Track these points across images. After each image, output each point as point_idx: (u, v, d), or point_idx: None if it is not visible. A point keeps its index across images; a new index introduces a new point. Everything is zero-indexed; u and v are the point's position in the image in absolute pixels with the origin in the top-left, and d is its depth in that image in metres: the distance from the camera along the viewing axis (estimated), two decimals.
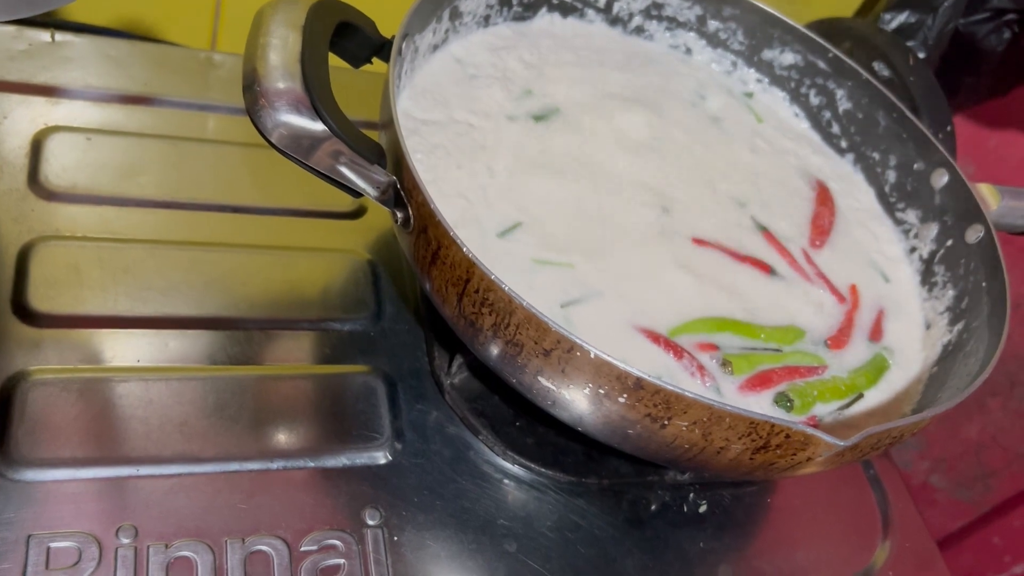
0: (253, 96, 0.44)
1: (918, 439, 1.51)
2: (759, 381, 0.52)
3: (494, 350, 0.46)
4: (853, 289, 0.61)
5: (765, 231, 0.62)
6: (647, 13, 0.71)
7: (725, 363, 0.52)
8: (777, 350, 0.55)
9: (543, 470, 0.55)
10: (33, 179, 0.58)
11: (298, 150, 0.45)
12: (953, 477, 1.54)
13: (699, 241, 0.59)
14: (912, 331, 0.61)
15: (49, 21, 0.67)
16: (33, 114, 0.61)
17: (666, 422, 0.43)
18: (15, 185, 0.57)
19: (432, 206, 0.44)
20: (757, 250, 0.60)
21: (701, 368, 0.51)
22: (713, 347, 0.53)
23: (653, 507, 0.57)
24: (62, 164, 0.59)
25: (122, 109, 0.64)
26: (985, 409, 1.48)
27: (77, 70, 0.65)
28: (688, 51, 0.74)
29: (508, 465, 0.55)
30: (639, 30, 0.72)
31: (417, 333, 0.60)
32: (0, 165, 0.57)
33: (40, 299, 0.52)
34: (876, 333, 0.59)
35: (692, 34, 0.73)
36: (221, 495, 0.49)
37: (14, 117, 0.60)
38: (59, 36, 0.66)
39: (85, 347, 0.52)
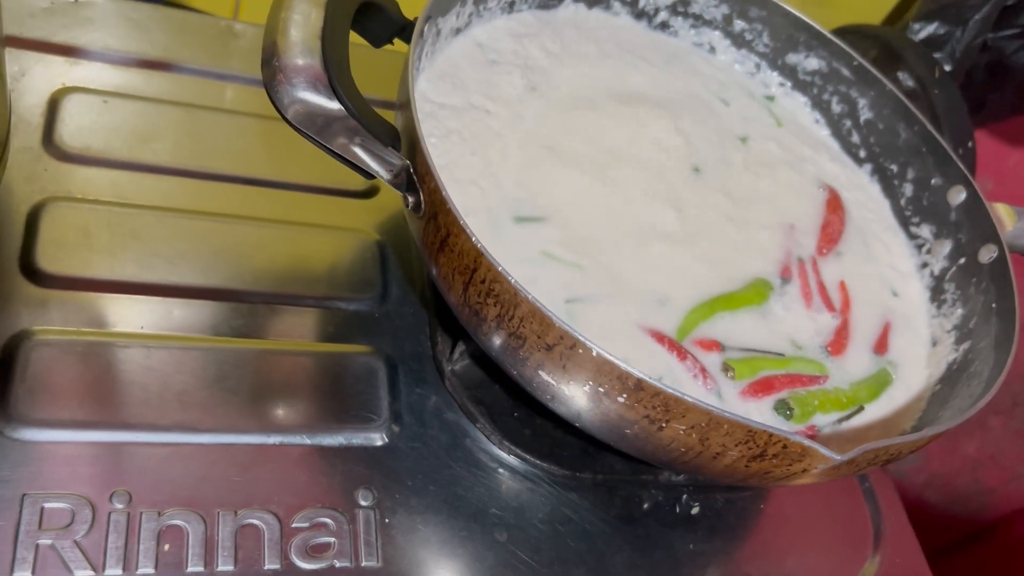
0: (271, 71, 0.44)
1: (916, 454, 1.51)
2: (761, 387, 0.52)
3: (496, 341, 0.46)
4: (843, 287, 0.61)
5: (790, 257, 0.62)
6: (673, 9, 0.71)
7: (727, 368, 0.52)
8: (780, 354, 0.55)
9: (538, 462, 0.55)
10: (48, 139, 0.57)
11: (313, 128, 0.45)
12: (949, 493, 1.53)
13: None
14: (918, 348, 0.61)
15: None
16: (51, 73, 0.61)
17: (664, 424, 0.43)
18: (29, 144, 0.57)
19: (444, 193, 0.44)
20: (767, 254, 0.60)
21: (704, 371, 0.51)
22: (717, 345, 0.53)
23: (646, 505, 0.57)
24: (77, 125, 0.59)
25: (140, 73, 0.64)
26: (986, 427, 1.47)
27: (98, 31, 0.64)
28: (712, 50, 0.73)
29: (504, 455, 0.55)
30: (664, 25, 0.72)
31: (421, 317, 0.60)
32: (15, 123, 0.57)
33: (48, 260, 0.52)
34: (881, 346, 0.59)
35: (717, 33, 0.72)
36: (216, 466, 0.49)
37: (32, 75, 0.60)
38: None
39: (90, 310, 0.52)
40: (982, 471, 1.51)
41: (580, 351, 0.42)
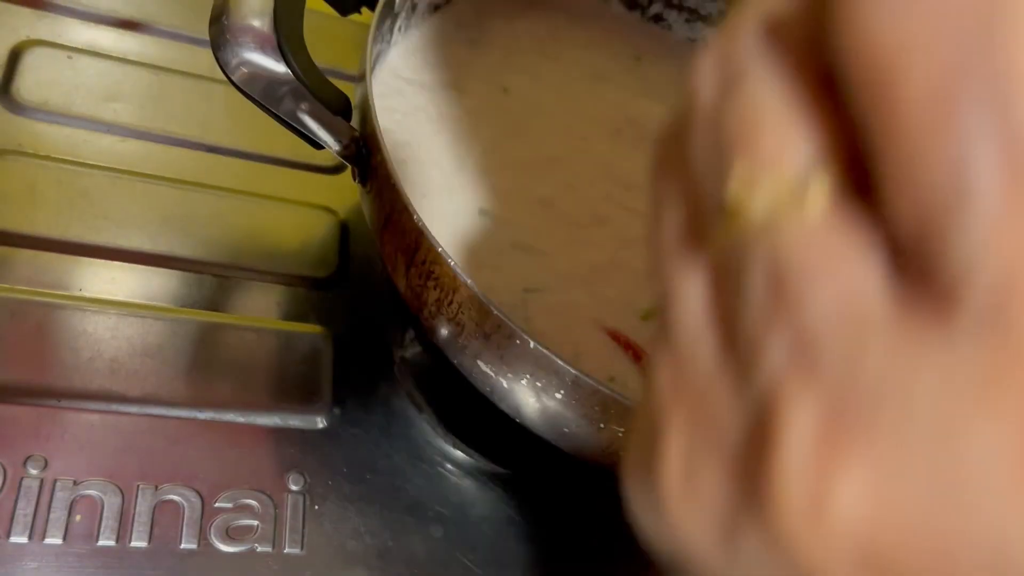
0: (219, 29, 0.42)
1: None
2: None
3: (438, 327, 0.44)
4: None
5: None
6: (667, 1, 0.68)
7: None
8: None
9: (484, 458, 0.53)
10: (4, 90, 0.56)
11: (258, 91, 0.43)
12: None
13: None
14: None
15: None
16: (16, 23, 0.59)
17: (602, 426, 0.41)
18: None
19: (389, 166, 0.42)
20: None
21: None
22: None
23: (597, 511, 0.55)
24: (37, 79, 0.57)
25: (110, 31, 0.62)
26: None
27: None
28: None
29: (449, 448, 0.53)
30: (657, 18, 0.69)
31: (377, 300, 0.58)
32: None
33: None
34: None
35: (713, 29, 0.70)
36: (141, 438, 0.47)
37: None
38: None
39: (27, 268, 0.50)
40: None
41: (517, 342, 0.40)
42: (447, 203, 0.51)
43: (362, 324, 0.56)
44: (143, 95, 0.60)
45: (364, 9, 0.53)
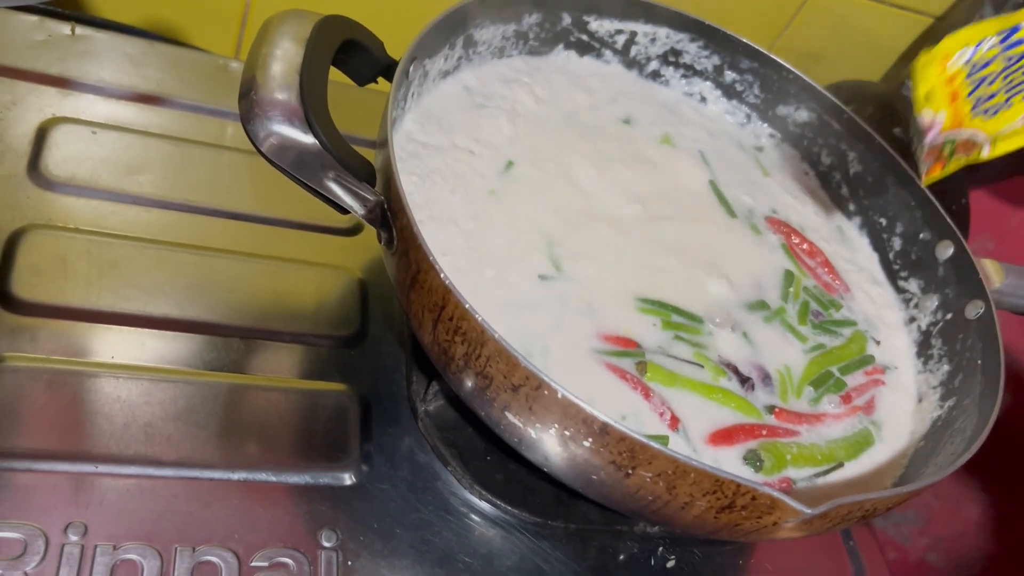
0: (248, 104, 0.44)
1: (917, 514, 1.48)
2: (727, 435, 0.51)
3: (465, 381, 0.46)
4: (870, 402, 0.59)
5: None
6: (664, 59, 0.71)
7: (642, 368, 0.51)
8: (700, 365, 0.54)
9: (510, 508, 0.54)
10: (33, 167, 0.58)
11: (288, 161, 0.45)
12: (952, 557, 1.49)
13: None
14: (904, 404, 0.60)
15: (72, 14, 0.68)
16: (42, 103, 0.61)
17: (630, 471, 0.42)
18: (14, 171, 0.57)
19: (415, 228, 0.44)
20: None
21: (671, 411, 0.50)
22: (634, 344, 0.53)
23: (620, 557, 0.55)
24: (64, 155, 0.59)
25: (132, 107, 0.64)
26: (989, 491, 1.44)
27: (92, 64, 0.65)
28: (703, 100, 0.73)
29: (475, 500, 0.54)
30: (655, 75, 0.72)
31: (398, 357, 0.59)
32: (2, 150, 0.57)
33: (23, 286, 0.52)
34: (868, 407, 0.58)
35: (708, 83, 0.72)
36: (177, 501, 0.48)
37: (23, 105, 0.61)
38: (79, 30, 0.66)
39: (61, 338, 0.51)
40: (986, 536, 1.48)
41: (545, 392, 0.41)
42: (463, 258, 0.53)
43: (385, 380, 0.58)
44: (165, 166, 0.62)
45: (380, 79, 0.55)
